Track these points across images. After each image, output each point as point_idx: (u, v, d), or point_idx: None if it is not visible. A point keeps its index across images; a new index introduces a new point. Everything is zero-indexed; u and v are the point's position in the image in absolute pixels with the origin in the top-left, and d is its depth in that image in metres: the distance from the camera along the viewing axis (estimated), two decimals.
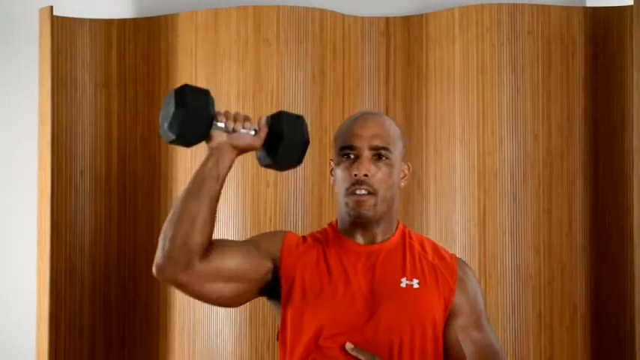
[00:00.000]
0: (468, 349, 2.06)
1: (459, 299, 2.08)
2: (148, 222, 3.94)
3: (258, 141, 2.03)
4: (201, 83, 3.83)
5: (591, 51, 3.79)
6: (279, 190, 3.73)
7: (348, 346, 1.98)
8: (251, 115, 2.05)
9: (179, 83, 3.89)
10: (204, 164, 1.98)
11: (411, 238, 2.15)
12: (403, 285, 2.05)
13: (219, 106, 3.87)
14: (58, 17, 3.89)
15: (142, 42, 4.02)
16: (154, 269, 2.00)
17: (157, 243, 1.75)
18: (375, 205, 2.06)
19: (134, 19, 4.05)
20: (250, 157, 3.73)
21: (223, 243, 2.04)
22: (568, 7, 3.80)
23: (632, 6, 3.68)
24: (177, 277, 1.97)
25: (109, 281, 3.96)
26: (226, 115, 2.01)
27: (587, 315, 3.72)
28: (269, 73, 3.80)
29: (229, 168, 2.01)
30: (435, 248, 2.16)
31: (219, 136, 1.99)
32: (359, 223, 2.08)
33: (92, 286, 3.94)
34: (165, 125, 1.94)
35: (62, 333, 3.86)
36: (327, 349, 1.99)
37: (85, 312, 3.93)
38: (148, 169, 3.97)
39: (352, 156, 2.08)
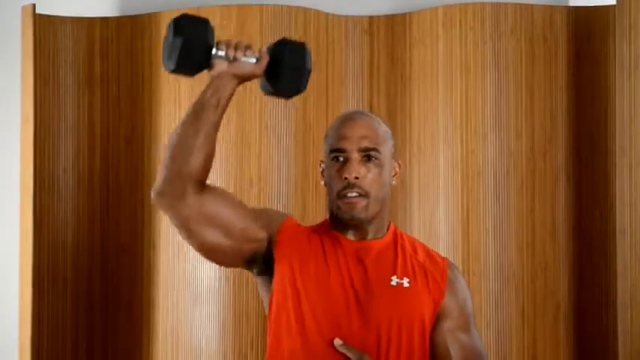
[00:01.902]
0: (455, 351, 2.06)
1: (448, 301, 2.09)
2: (131, 221, 3.93)
3: (259, 69, 2.03)
4: (184, 83, 3.83)
5: (574, 50, 3.81)
6: (263, 189, 3.73)
7: (337, 342, 1.98)
8: (234, 110, 2.04)
9: (162, 82, 3.89)
10: (204, 92, 1.98)
11: (402, 238, 2.15)
12: (394, 283, 2.05)
13: None
14: (40, 15, 3.88)
15: (124, 41, 4.01)
16: (152, 194, 1.98)
17: (140, 242, 1.74)
18: (367, 206, 2.06)
19: (117, 18, 4.03)
20: (233, 156, 3.74)
21: (223, 191, 2.04)
22: (551, 7, 3.81)
23: (614, 5, 3.69)
24: (172, 203, 1.96)
25: (91, 280, 3.95)
26: (227, 43, 2.00)
27: (569, 312, 3.73)
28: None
29: (230, 97, 2.01)
30: (427, 250, 2.16)
31: (219, 65, 1.99)
32: (351, 225, 2.09)
33: (75, 285, 3.93)
34: (166, 55, 1.95)
35: (45, 332, 3.85)
36: (314, 343, 1.99)
37: (68, 311, 3.91)
38: (131, 168, 3.95)
39: (342, 159, 2.07)
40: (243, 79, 2.02)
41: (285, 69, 2.02)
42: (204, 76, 2.03)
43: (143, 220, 3.91)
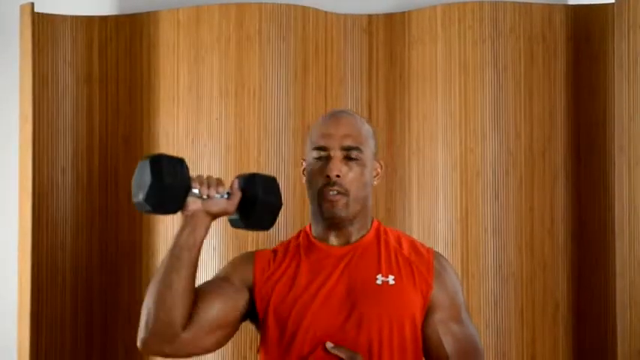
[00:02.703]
0: (448, 343, 2.06)
1: (437, 293, 2.08)
2: (130, 220, 3.93)
3: (232, 206, 2.01)
4: (183, 80, 3.83)
5: (573, 49, 3.81)
6: None
7: (329, 344, 1.99)
8: (232, 109, 2.04)
9: (161, 80, 3.89)
10: (179, 235, 1.97)
11: (386, 234, 2.15)
12: (379, 282, 2.06)
13: (203, 105, 3.86)
14: (39, 14, 3.87)
15: (123, 39, 4.01)
16: (138, 343, 2.01)
17: (138, 241, 1.74)
18: (347, 205, 2.06)
19: (116, 16, 4.03)
20: (231, 156, 3.73)
21: (198, 296, 2.02)
22: (550, 5, 3.81)
23: (613, 4, 3.69)
24: (163, 350, 2.00)
25: (90, 280, 3.95)
26: (199, 180, 1.98)
27: (568, 312, 3.73)
28: (251, 70, 3.79)
29: (205, 235, 2.00)
30: (412, 243, 2.16)
31: (193, 204, 1.97)
32: (332, 223, 2.09)
33: (74, 284, 3.93)
34: (141, 196, 1.90)
35: (43, 331, 3.84)
36: (307, 353, 2.00)
37: (67, 311, 3.91)
38: (130, 167, 3.94)
39: (324, 156, 2.08)
40: (216, 216, 2.01)
41: (258, 207, 2.01)
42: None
43: (142, 220, 3.90)
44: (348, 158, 2.08)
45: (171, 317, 1.95)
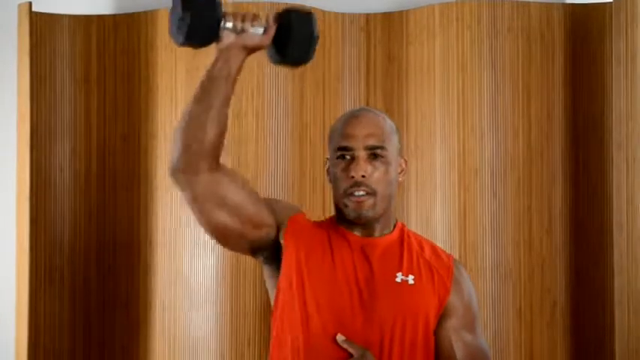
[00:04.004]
0: (459, 350, 2.06)
1: (453, 299, 2.09)
2: (128, 219, 3.93)
3: (268, 39, 2.02)
4: (181, 79, 3.82)
5: (571, 48, 3.81)
6: (260, 187, 3.72)
7: (339, 337, 1.98)
8: (230, 107, 2.03)
9: (159, 80, 3.88)
10: (213, 65, 1.97)
11: (409, 236, 2.15)
12: (398, 280, 2.05)
13: None
14: (36, 13, 3.87)
15: (121, 38, 4.00)
16: (168, 171, 1.99)
17: (136, 240, 1.74)
18: (374, 205, 2.06)
19: (113, 15, 4.03)
20: (229, 154, 3.73)
21: (237, 174, 2.04)
22: (548, 4, 3.81)
23: (611, 3, 3.70)
24: (187, 179, 1.96)
25: (88, 279, 3.94)
26: (234, 15, 1.99)
27: (566, 310, 3.73)
28: (249, 68, 3.78)
29: (240, 68, 1.99)
30: (433, 248, 2.16)
31: (227, 37, 1.98)
32: (358, 223, 2.09)
33: (72, 283, 3.92)
34: (174, 29, 1.94)
35: (42, 330, 3.84)
36: (317, 337, 1.99)
37: (65, 309, 3.91)
38: (128, 166, 3.95)
39: (348, 157, 2.07)
40: (251, 50, 2.01)
41: (293, 37, 2.02)
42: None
43: (139, 219, 3.90)
44: (372, 157, 2.06)
45: (197, 140, 1.93)
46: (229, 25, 1.97)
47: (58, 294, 3.90)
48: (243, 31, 1.98)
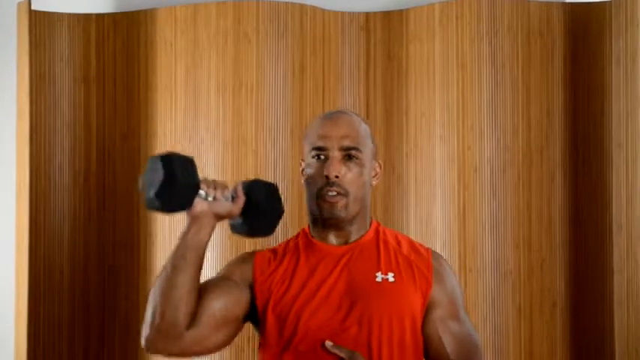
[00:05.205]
0: (447, 342, 2.07)
1: (436, 291, 2.09)
2: (128, 218, 3.93)
3: (237, 209, 2.02)
4: (180, 78, 3.82)
5: (571, 46, 3.81)
6: None
7: (328, 343, 1.99)
8: (230, 106, 2.03)
9: (158, 79, 3.88)
10: (185, 234, 1.98)
11: (385, 234, 2.15)
12: (379, 279, 2.06)
13: (201, 102, 3.86)
14: (36, 12, 3.87)
15: (120, 37, 4.00)
16: (143, 342, 1.99)
17: (136, 239, 1.74)
18: (346, 205, 2.07)
19: (113, 14, 4.02)
20: (229, 153, 3.73)
21: (201, 294, 2.02)
22: (548, 3, 3.81)
23: (610, 1, 3.69)
24: (168, 349, 1.99)
25: (88, 278, 3.94)
26: (207, 183, 2.00)
27: (566, 309, 3.73)
28: (249, 68, 3.79)
29: (210, 236, 2.01)
30: (411, 243, 2.16)
31: (199, 205, 1.98)
32: (331, 224, 2.09)
33: (71, 283, 3.92)
34: (152, 193, 1.92)
35: (41, 330, 3.84)
36: (306, 351, 2.00)
37: (64, 309, 3.91)
38: (127, 165, 3.95)
39: (322, 157, 2.08)
40: (221, 218, 2.02)
41: (261, 212, 2.04)
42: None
43: (139, 217, 3.90)
44: (346, 158, 2.07)
45: (176, 316, 1.95)
46: (202, 192, 1.98)
47: (58, 293, 3.90)
48: (215, 199, 1.99)
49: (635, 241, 3.52)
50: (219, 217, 2.01)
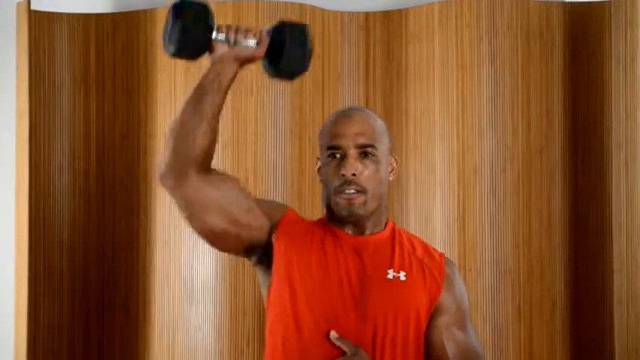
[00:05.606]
0: (450, 349, 2.06)
1: (445, 297, 2.08)
2: (127, 218, 3.93)
3: (260, 52, 2.04)
4: (180, 78, 3.82)
5: (570, 46, 3.80)
6: (258, 185, 3.73)
7: (332, 335, 1.98)
8: (229, 106, 2.05)
9: (158, 79, 3.88)
10: (205, 76, 2.00)
11: (400, 235, 2.15)
12: (390, 277, 2.05)
13: None
14: (35, 12, 3.86)
15: (120, 37, 4.00)
16: (156, 175, 2.01)
17: (135, 239, 1.74)
18: (365, 202, 2.06)
19: (112, 14, 4.02)
20: (228, 152, 3.73)
21: (228, 177, 2.05)
22: (547, 2, 3.81)
23: (610, 1, 3.69)
24: (174, 184, 1.98)
25: (88, 278, 3.94)
26: (227, 27, 2.02)
27: (566, 309, 3.73)
28: (248, 67, 3.77)
29: (232, 80, 2.03)
30: (425, 247, 2.16)
31: (220, 48, 2.01)
32: (349, 221, 2.09)
33: (71, 283, 3.92)
34: (166, 39, 1.97)
35: (41, 329, 3.84)
36: (309, 335, 1.99)
37: (64, 309, 3.91)
38: (127, 166, 3.95)
39: (338, 155, 2.07)
40: (244, 61, 2.04)
41: (287, 50, 2.04)
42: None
43: (139, 218, 3.90)
44: (363, 156, 2.07)
45: (186, 150, 1.95)
46: (222, 36, 2.00)
47: (58, 293, 3.90)
48: (235, 43, 2.01)
49: (635, 241, 3.52)
50: (242, 61, 2.03)
